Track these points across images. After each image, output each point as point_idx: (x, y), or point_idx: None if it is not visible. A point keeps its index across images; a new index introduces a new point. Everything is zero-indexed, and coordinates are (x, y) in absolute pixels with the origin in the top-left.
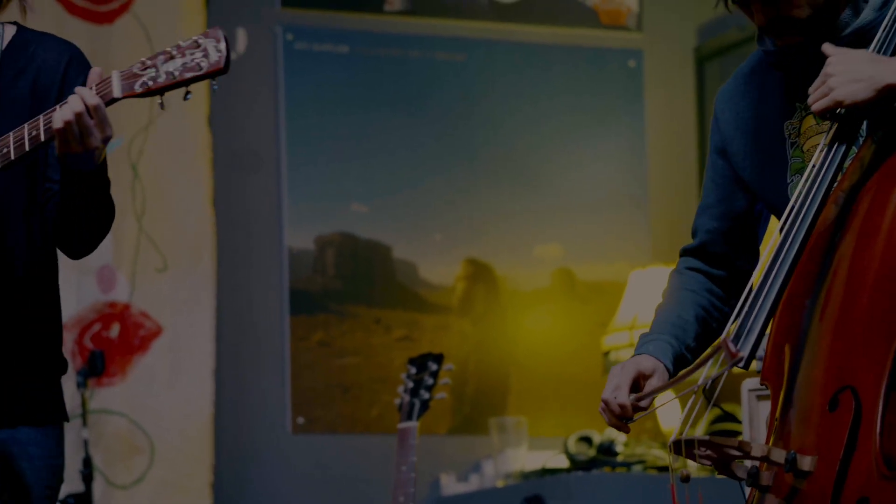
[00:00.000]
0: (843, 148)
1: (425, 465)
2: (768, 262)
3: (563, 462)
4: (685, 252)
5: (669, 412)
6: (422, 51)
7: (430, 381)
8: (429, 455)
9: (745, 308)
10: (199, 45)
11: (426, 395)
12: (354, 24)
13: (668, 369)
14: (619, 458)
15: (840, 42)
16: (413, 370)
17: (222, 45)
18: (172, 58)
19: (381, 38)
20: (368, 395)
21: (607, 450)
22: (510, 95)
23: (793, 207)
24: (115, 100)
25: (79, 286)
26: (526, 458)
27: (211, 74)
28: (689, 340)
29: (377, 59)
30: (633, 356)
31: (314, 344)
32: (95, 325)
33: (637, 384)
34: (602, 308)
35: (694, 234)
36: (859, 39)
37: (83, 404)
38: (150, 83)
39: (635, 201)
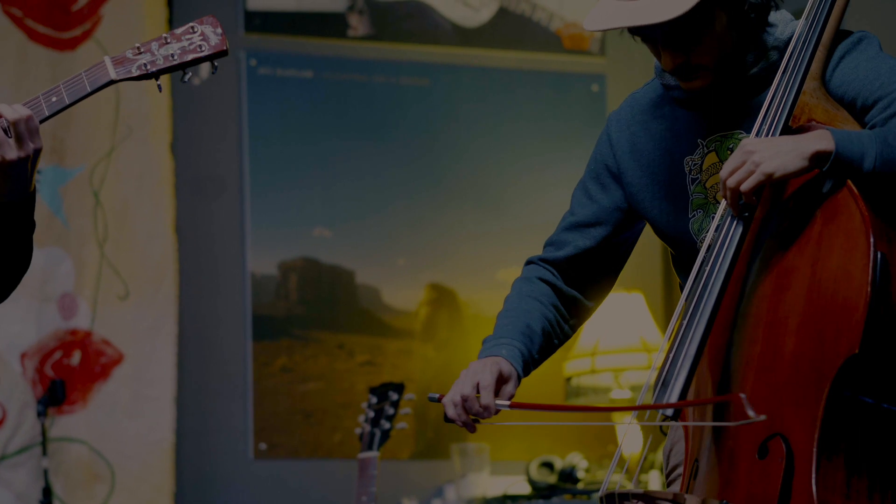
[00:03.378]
0: (746, 218)
1: (387, 490)
2: (686, 309)
3: (524, 488)
4: (542, 261)
5: (631, 438)
6: (386, 76)
7: (390, 410)
8: (391, 480)
9: (669, 357)
10: (194, 30)
11: (387, 425)
12: (318, 50)
13: (520, 377)
14: (580, 485)
15: (747, 81)
16: (374, 399)
17: (220, 29)
18: (167, 43)
19: (345, 64)
20: (331, 421)
21: (568, 476)
22: (474, 120)
23: (708, 255)
24: (112, 82)
25: (40, 314)
26: (488, 483)
27: (213, 56)
28: (534, 352)
29: (341, 84)
30: (487, 356)
31: (277, 369)
32: (56, 352)
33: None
34: None
35: (559, 247)
36: (763, 80)
37: (43, 433)
38: (148, 66)
39: None
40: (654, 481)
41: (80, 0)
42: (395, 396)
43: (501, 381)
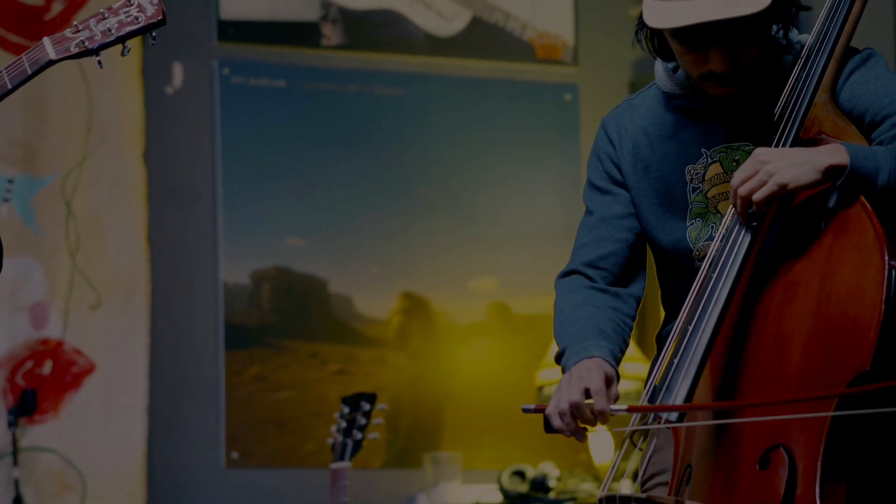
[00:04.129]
0: (754, 228)
1: (359, 500)
2: (693, 313)
3: (496, 497)
4: (572, 272)
5: (603, 447)
6: (359, 85)
7: (362, 420)
8: (363, 489)
9: (675, 362)
10: (131, 3)
11: (359, 436)
12: (291, 59)
13: (619, 378)
14: (552, 494)
15: (757, 93)
16: (346, 410)
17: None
18: (105, 18)
19: (318, 73)
20: (304, 430)
21: (540, 485)
22: (447, 129)
23: (716, 259)
24: (51, 62)
25: (11, 323)
26: (460, 492)
27: (149, 27)
28: (616, 351)
29: (314, 94)
30: (588, 357)
31: (249, 378)
32: (28, 362)
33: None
34: (537, 341)
35: (593, 248)
36: (771, 94)
37: (14, 443)
38: (87, 42)
39: (571, 234)
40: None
41: (53, 9)
42: (367, 406)
43: (607, 383)
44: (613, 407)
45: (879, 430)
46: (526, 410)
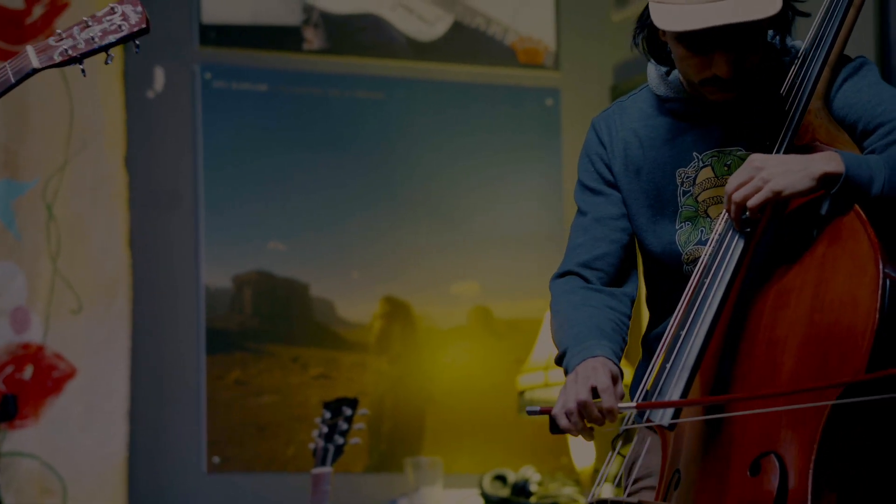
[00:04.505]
0: (748, 234)
1: None
2: (686, 318)
3: (478, 501)
4: (566, 273)
5: (584, 451)
6: (341, 89)
7: (344, 426)
8: (344, 494)
9: (667, 367)
10: (114, 11)
11: (340, 441)
12: (273, 63)
13: (622, 376)
14: (533, 499)
15: (752, 98)
16: (327, 415)
17: (139, 7)
18: (88, 26)
19: (301, 77)
20: (285, 434)
21: (522, 489)
22: (429, 134)
23: (708, 265)
24: (35, 70)
25: None
26: (441, 496)
27: (134, 35)
28: (617, 350)
29: (296, 98)
30: (592, 356)
31: (231, 383)
32: (8, 366)
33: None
34: (518, 345)
35: (588, 249)
36: (764, 99)
37: None
38: (70, 51)
39: (552, 239)
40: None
41: (34, 13)
42: (348, 411)
43: (613, 381)
44: (621, 405)
45: (871, 438)
46: (531, 412)
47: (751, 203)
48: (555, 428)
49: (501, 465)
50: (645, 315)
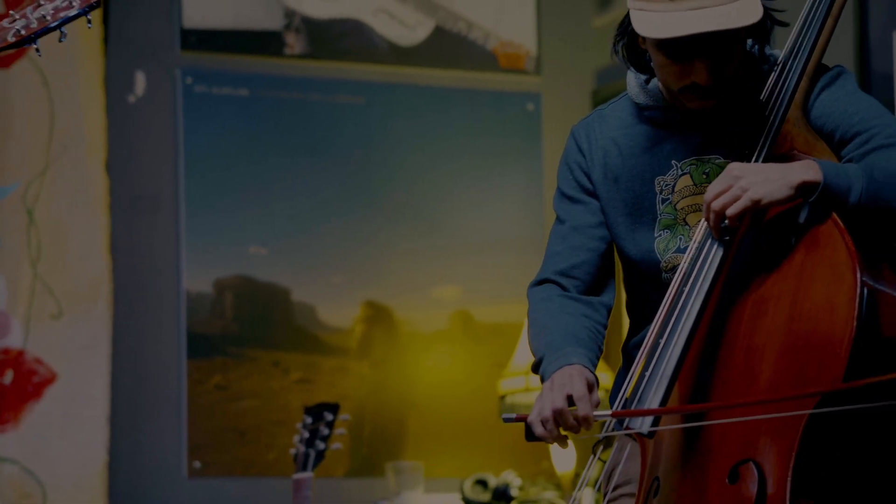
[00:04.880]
0: (727, 242)
1: None
2: (665, 326)
3: None
4: (544, 281)
5: (565, 456)
6: (322, 94)
7: (325, 431)
8: (325, 498)
9: (647, 375)
10: None
11: (321, 446)
12: (254, 68)
13: (598, 384)
14: (514, 503)
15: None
16: (308, 420)
17: None
18: (41, 5)
19: (281, 82)
20: (266, 439)
21: (502, 494)
22: (410, 138)
23: (687, 273)
24: None
25: None
26: (422, 500)
27: (84, 10)
28: (593, 358)
29: (277, 103)
30: (568, 364)
31: (211, 387)
32: None
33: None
34: (499, 349)
35: (565, 257)
36: (743, 108)
37: None
38: (23, 31)
39: (533, 243)
40: (587, 499)
41: None
42: (329, 417)
43: (589, 389)
44: (597, 413)
45: (849, 446)
46: (507, 420)
47: (729, 212)
48: (530, 435)
49: (482, 469)
50: (626, 322)
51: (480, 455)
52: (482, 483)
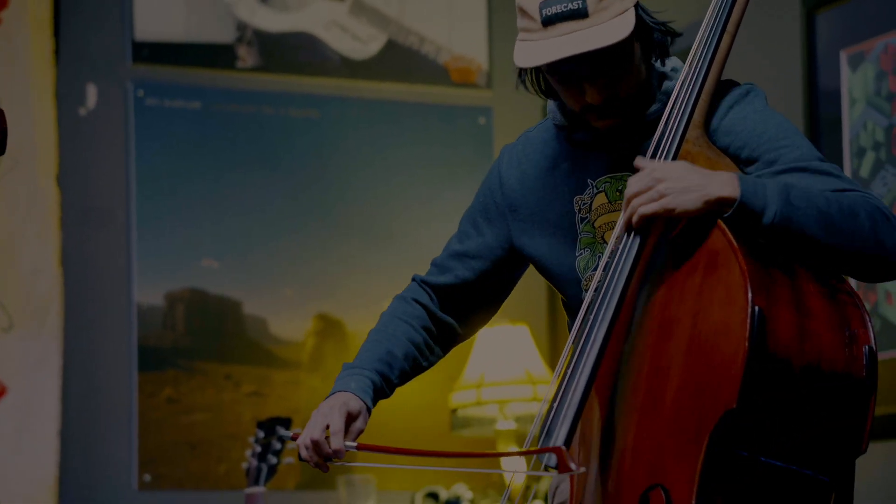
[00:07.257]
0: (640, 238)
1: None
2: (574, 351)
3: None
4: (423, 282)
5: (515, 468)
6: (275, 107)
7: (277, 445)
8: None
9: (555, 406)
10: None
11: (274, 460)
12: (207, 81)
13: (369, 410)
14: None
15: (641, 124)
16: (261, 434)
17: None
18: None
19: (234, 95)
20: (217, 452)
21: None
22: (363, 152)
23: (594, 299)
24: None
25: None
26: None
27: None
28: (394, 377)
29: (230, 116)
30: (337, 391)
31: (162, 400)
32: None
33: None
34: (451, 363)
35: (441, 271)
36: (655, 124)
37: None
38: None
39: None
40: None
41: None
42: (282, 431)
43: (351, 419)
44: (347, 444)
45: (753, 469)
46: (282, 437)
47: (641, 211)
48: (300, 456)
49: (434, 482)
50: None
51: (431, 468)
52: (433, 496)
